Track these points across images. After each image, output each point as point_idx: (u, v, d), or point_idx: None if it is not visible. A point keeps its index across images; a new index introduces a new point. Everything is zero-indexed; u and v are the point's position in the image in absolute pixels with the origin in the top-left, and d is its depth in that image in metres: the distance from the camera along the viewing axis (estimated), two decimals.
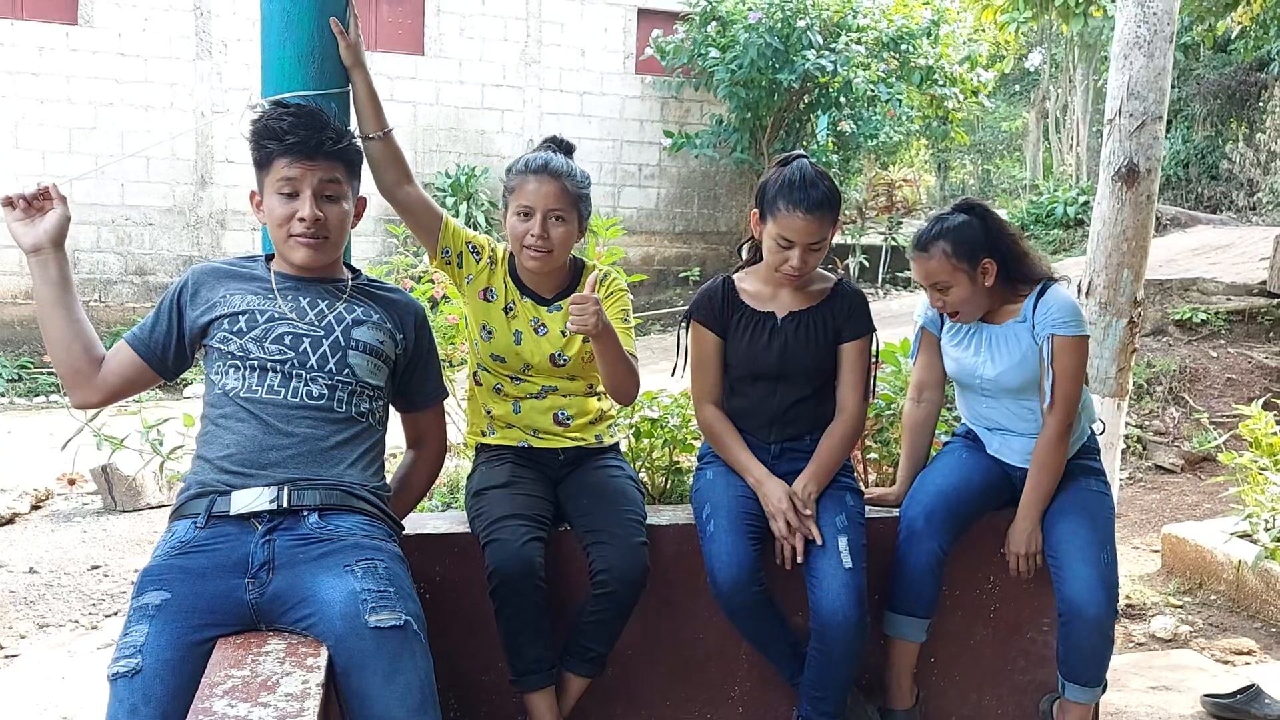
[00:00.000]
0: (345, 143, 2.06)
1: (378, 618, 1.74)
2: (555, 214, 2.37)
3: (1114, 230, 3.91)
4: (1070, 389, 2.48)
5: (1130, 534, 5.25)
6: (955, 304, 2.51)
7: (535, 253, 2.38)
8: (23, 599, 4.39)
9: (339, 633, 1.74)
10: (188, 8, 11.20)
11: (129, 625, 1.77)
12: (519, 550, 2.21)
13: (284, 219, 2.02)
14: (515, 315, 2.48)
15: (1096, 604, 2.40)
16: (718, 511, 2.42)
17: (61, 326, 2.02)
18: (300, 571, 1.82)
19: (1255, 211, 14.41)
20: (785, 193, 2.38)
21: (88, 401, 2.09)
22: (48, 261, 2.00)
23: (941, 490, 2.56)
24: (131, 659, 1.70)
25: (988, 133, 25.48)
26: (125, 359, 2.08)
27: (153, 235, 11.32)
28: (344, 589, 1.78)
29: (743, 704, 2.62)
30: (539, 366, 2.48)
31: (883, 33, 11.62)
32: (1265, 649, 3.86)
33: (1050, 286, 2.55)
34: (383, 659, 1.72)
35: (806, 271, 2.44)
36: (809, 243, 2.39)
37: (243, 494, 1.89)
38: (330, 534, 1.89)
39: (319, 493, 1.93)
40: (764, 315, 2.52)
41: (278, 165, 2.01)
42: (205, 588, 1.80)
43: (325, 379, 2.01)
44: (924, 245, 2.51)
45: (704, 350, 2.55)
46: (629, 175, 13.20)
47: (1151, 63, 3.86)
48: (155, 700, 1.68)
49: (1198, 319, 7.45)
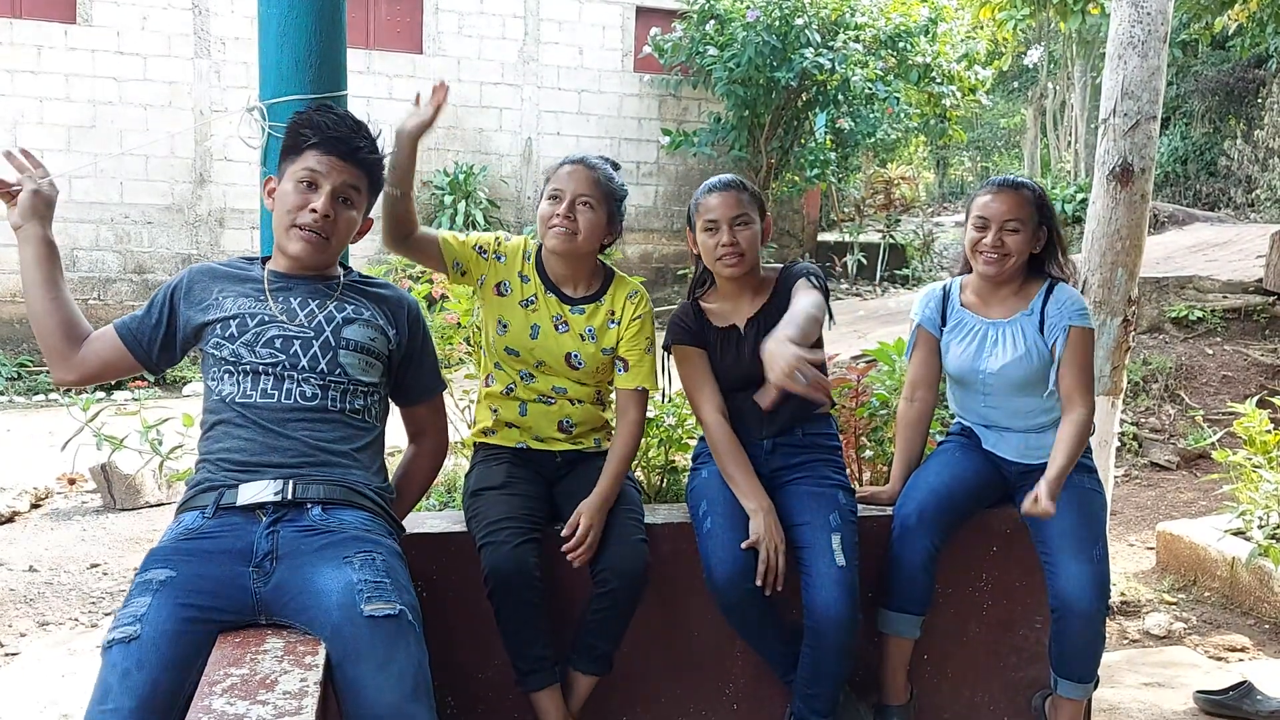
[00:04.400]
0: (379, 157, 2.10)
1: (373, 607, 1.76)
2: (584, 199, 2.41)
3: (1109, 229, 3.93)
4: (1090, 376, 2.58)
5: (1125, 531, 5.27)
6: (1014, 247, 2.55)
7: (560, 230, 2.40)
8: (23, 597, 4.41)
9: (335, 623, 1.76)
10: (186, 6, 11.19)
11: (130, 598, 1.79)
12: (513, 553, 2.24)
13: (295, 208, 2.05)
14: (536, 309, 2.50)
15: (1088, 600, 2.43)
16: (714, 509, 2.44)
17: (41, 302, 2.05)
18: (302, 562, 1.85)
19: (1253, 208, 14.42)
20: (701, 191, 2.53)
21: (64, 379, 2.10)
22: (28, 239, 2.05)
23: (934, 488, 2.59)
24: (130, 626, 1.72)
25: (986, 130, 25.49)
26: (109, 343, 2.10)
27: (151, 233, 11.33)
28: (341, 580, 1.80)
29: (737, 701, 2.64)
30: (552, 364, 2.50)
31: (880, 30, 11.61)
32: (1258, 646, 3.89)
33: (1058, 283, 2.60)
34: (377, 647, 1.73)
35: (741, 249, 2.45)
36: (732, 217, 2.44)
37: (249, 487, 1.93)
38: (332, 526, 1.92)
39: (323, 487, 1.97)
40: (727, 329, 2.55)
41: (307, 155, 2.04)
42: (210, 570, 1.83)
43: (317, 379, 2.03)
44: (1015, 183, 2.60)
45: (693, 366, 2.56)
46: (627, 173, 13.06)
47: (1146, 62, 3.88)
48: (149, 667, 1.68)
49: (1194, 317, 7.46)
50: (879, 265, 13.43)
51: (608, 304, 2.52)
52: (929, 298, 2.75)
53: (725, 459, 2.49)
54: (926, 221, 15.08)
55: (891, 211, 13.70)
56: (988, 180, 2.67)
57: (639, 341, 2.51)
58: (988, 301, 2.65)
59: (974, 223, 2.58)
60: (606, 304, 2.52)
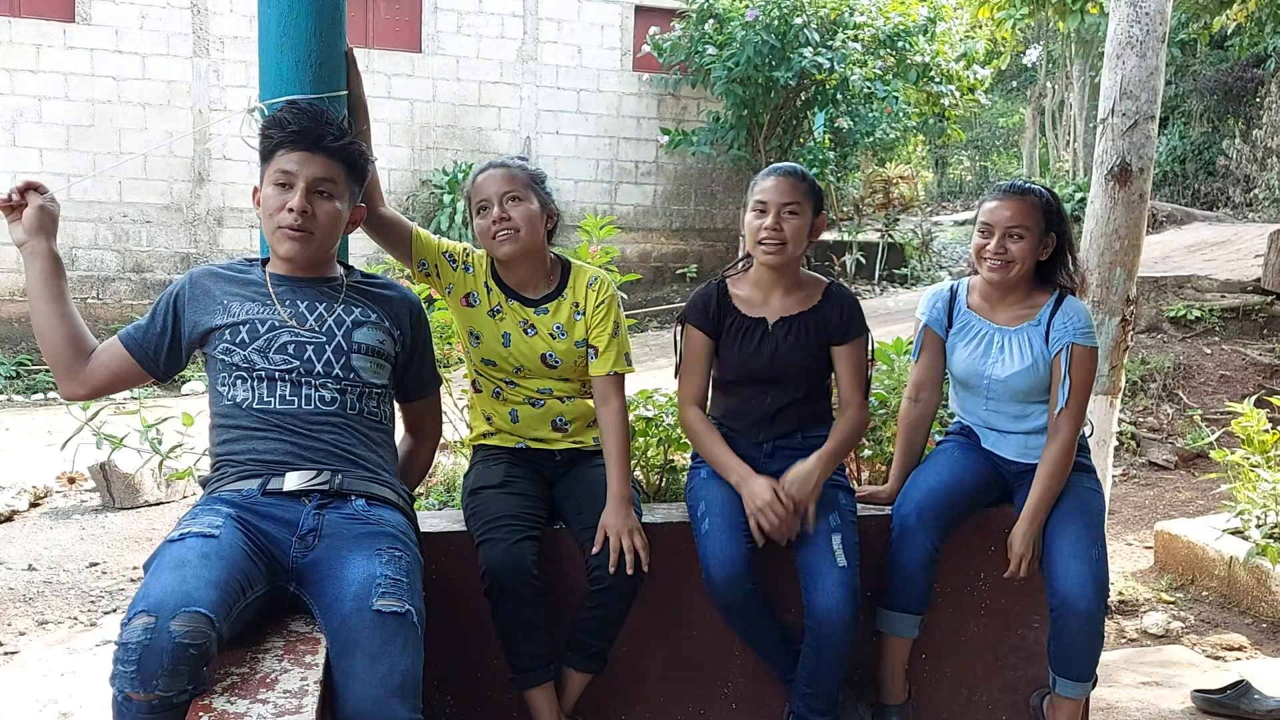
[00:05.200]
0: (346, 141, 2.09)
1: (383, 602, 1.79)
2: (509, 195, 2.40)
3: (1107, 229, 3.94)
4: (1085, 398, 2.55)
5: (1123, 530, 5.28)
6: (1017, 254, 2.54)
7: (502, 234, 2.40)
8: (22, 596, 4.42)
9: (345, 612, 1.79)
10: (185, 5, 11.19)
11: (196, 515, 1.84)
12: (511, 550, 2.24)
13: (275, 209, 2.05)
14: (503, 318, 2.50)
15: (1087, 599, 2.43)
16: (712, 509, 2.44)
17: (49, 318, 2.05)
18: (340, 545, 1.90)
19: (1251, 208, 14.42)
20: (763, 173, 2.54)
21: (74, 394, 2.10)
22: (34, 254, 2.05)
23: (934, 488, 2.59)
24: (210, 529, 1.78)
25: (984, 129, 25.50)
26: (116, 355, 2.10)
27: (150, 233, 11.33)
28: (365, 572, 1.84)
29: (736, 700, 2.64)
30: (531, 369, 2.50)
31: (879, 30, 11.62)
32: (1256, 645, 3.90)
33: (1067, 295, 2.60)
34: (374, 641, 1.74)
35: (784, 237, 2.45)
36: (783, 203, 2.45)
37: (294, 474, 1.97)
38: (373, 519, 1.97)
39: (365, 483, 2.03)
40: (755, 321, 2.54)
41: (278, 157, 2.05)
42: (264, 526, 1.89)
43: (334, 384, 2.05)
44: (1022, 190, 2.58)
45: (695, 352, 2.58)
46: (626, 172, 13.21)
47: (1144, 62, 3.89)
48: (225, 563, 1.73)
49: (1192, 316, 7.47)
50: (877, 264, 13.43)
51: (570, 297, 2.51)
52: (936, 298, 2.74)
53: (706, 444, 2.53)
54: (925, 221, 15.08)
55: (890, 211, 13.70)
56: (995, 185, 2.68)
57: (606, 326, 2.49)
58: (995, 306, 2.65)
59: (980, 228, 2.59)
60: (569, 297, 2.51)
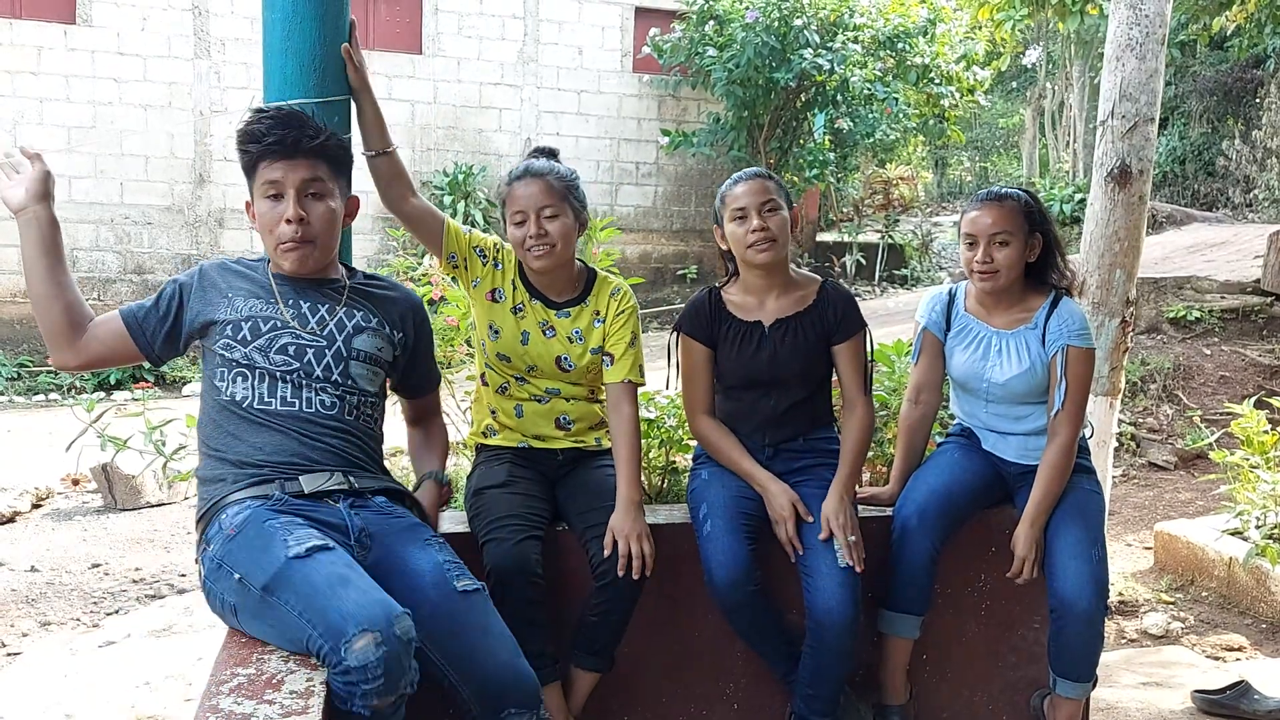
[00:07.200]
0: (324, 139, 2.07)
1: (463, 584, 1.93)
2: (547, 210, 2.41)
3: (1106, 230, 3.94)
4: (1082, 399, 2.55)
5: (1123, 531, 5.29)
6: (1003, 262, 2.53)
7: (538, 250, 2.42)
8: (24, 597, 4.43)
9: (433, 600, 1.86)
10: (186, 7, 11.20)
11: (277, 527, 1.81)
12: (515, 549, 2.25)
13: (272, 224, 2.05)
14: (524, 316, 2.52)
15: (1087, 599, 2.44)
16: (714, 511, 2.45)
17: (47, 284, 2.01)
18: (392, 542, 1.95)
19: (1251, 208, 14.44)
20: (727, 184, 2.56)
21: (66, 364, 2.07)
22: (33, 220, 2.00)
23: (934, 489, 2.60)
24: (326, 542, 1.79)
25: (984, 130, 25.51)
26: (114, 331, 2.07)
27: (151, 234, 11.34)
28: (431, 560, 1.94)
29: (737, 701, 2.65)
30: (544, 369, 2.52)
31: (879, 31, 11.63)
32: (1255, 645, 3.91)
33: (1063, 297, 2.60)
34: (474, 616, 1.90)
35: (773, 233, 2.46)
36: (761, 203, 2.46)
37: (309, 477, 1.97)
38: (400, 513, 2.02)
39: (377, 482, 2.07)
40: (751, 325, 2.55)
41: (261, 169, 2.05)
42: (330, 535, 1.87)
43: (332, 389, 2.06)
44: (1000, 195, 2.58)
45: (694, 361, 2.58)
46: (626, 173, 13.22)
47: (1143, 64, 3.90)
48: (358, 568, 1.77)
49: (1192, 317, 7.48)
50: (877, 265, 13.45)
51: (593, 304, 2.54)
52: (934, 301, 2.75)
53: (725, 451, 2.54)
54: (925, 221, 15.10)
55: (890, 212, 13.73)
56: (974, 195, 2.68)
57: (624, 335, 2.51)
58: (991, 310, 2.65)
59: (964, 240, 2.59)
60: (591, 305, 2.54)
